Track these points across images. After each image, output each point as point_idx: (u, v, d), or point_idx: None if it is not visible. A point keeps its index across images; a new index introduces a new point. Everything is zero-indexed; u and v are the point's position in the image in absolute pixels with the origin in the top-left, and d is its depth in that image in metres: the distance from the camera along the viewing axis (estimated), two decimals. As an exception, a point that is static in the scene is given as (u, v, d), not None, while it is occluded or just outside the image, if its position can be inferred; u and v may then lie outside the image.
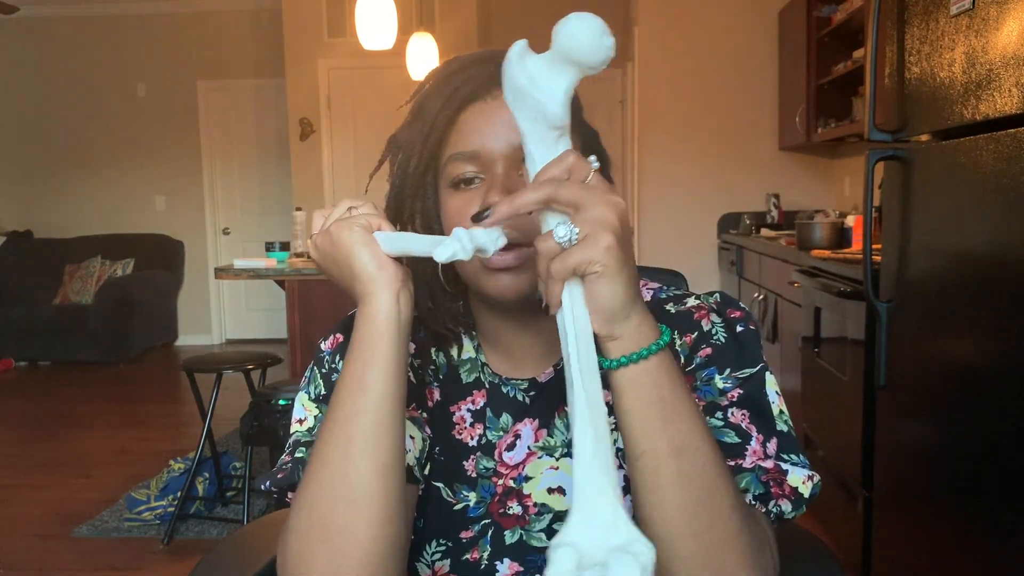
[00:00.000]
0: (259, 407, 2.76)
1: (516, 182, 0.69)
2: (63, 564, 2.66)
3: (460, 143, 0.71)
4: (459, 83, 0.71)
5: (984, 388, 1.51)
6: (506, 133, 0.69)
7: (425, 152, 0.72)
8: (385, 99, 5.42)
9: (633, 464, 0.61)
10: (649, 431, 0.59)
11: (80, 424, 4.38)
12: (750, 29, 4.42)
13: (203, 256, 6.63)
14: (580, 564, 0.50)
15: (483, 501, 0.74)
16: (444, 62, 0.76)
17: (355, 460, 0.63)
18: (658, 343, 0.59)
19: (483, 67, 0.71)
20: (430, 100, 0.73)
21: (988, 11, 1.47)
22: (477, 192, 0.71)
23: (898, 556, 1.94)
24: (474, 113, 0.71)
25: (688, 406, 0.60)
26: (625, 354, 0.59)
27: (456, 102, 0.71)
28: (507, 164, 0.70)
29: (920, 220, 1.79)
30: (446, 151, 0.72)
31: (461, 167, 0.71)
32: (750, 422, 0.69)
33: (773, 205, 4.29)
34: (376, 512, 0.63)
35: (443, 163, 0.72)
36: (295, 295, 3.17)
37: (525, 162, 0.60)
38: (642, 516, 0.61)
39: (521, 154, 0.67)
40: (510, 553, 0.72)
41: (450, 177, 0.72)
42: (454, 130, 0.71)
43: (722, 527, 0.59)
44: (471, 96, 0.71)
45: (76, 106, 6.50)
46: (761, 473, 0.66)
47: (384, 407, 0.64)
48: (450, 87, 0.71)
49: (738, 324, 0.75)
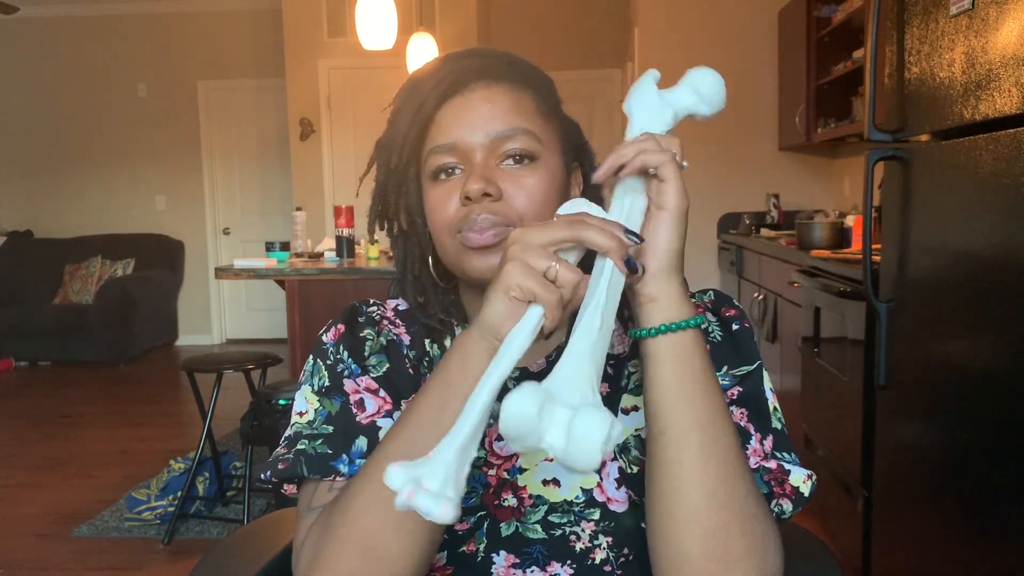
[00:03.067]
0: (259, 407, 2.76)
1: (494, 169, 0.71)
2: (63, 564, 2.66)
3: (439, 136, 0.72)
4: (438, 79, 0.72)
5: (984, 388, 1.51)
6: (484, 124, 0.71)
7: (406, 148, 0.73)
8: (385, 99, 5.32)
9: (656, 440, 0.61)
10: (679, 404, 0.60)
11: (80, 424, 4.38)
12: (750, 29, 4.42)
13: (203, 256, 6.63)
14: (543, 407, 0.51)
15: (475, 491, 0.74)
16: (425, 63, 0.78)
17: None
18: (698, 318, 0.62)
19: (463, 62, 0.73)
20: (410, 98, 0.74)
21: (988, 11, 1.47)
22: (457, 182, 0.72)
23: (898, 556, 1.94)
24: (453, 107, 0.72)
25: (715, 385, 0.62)
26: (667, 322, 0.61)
27: (435, 98, 0.72)
28: (485, 153, 0.71)
29: (920, 220, 1.79)
30: (427, 145, 0.73)
31: (441, 159, 0.72)
32: (748, 421, 0.70)
33: (773, 205, 4.29)
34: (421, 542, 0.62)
35: (424, 157, 0.73)
36: (295, 295, 3.17)
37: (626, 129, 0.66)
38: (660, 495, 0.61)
39: (498, 142, 0.71)
40: (506, 545, 0.72)
41: (430, 170, 0.73)
42: (434, 125, 0.72)
43: (738, 508, 0.60)
44: (449, 91, 0.72)
45: (76, 106, 6.50)
46: (764, 473, 0.66)
47: None
48: (430, 84, 0.72)
49: (733, 322, 0.76)
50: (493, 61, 0.74)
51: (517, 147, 0.71)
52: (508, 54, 0.77)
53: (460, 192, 0.70)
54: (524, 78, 0.74)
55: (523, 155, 0.71)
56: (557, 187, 0.73)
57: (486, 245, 0.70)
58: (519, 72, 0.75)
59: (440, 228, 0.73)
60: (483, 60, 0.74)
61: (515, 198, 0.70)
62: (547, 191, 0.72)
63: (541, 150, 0.72)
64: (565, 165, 0.76)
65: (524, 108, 0.73)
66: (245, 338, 6.62)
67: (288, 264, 3.25)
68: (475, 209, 0.70)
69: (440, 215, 0.72)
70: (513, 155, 0.71)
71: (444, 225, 0.72)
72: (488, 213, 0.69)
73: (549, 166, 0.73)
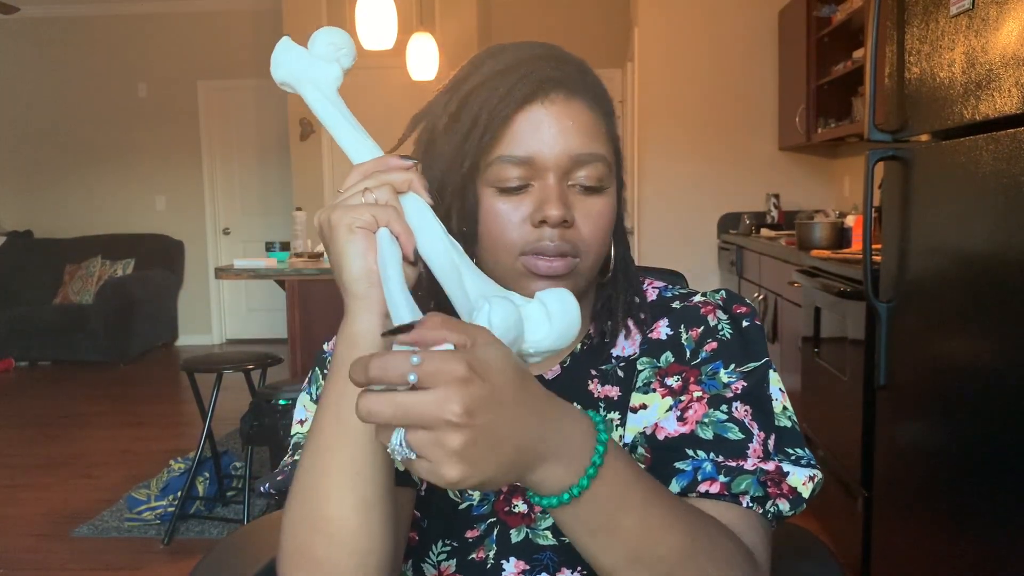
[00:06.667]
0: (259, 407, 2.76)
1: (568, 194, 0.68)
2: (63, 564, 2.66)
3: (512, 145, 0.67)
4: (515, 80, 0.67)
5: (984, 388, 1.51)
6: (563, 142, 0.67)
7: (471, 150, 0.68)
8: (385, 99, 5.42)
9: None
10: (588, 554, 0.56)
11: (80, 424, 4.38)
12: (750, 29, 4.42)
13: (203, 256, 6.63)
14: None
15: (487, 499, 0.74)
16: (491, 50, 0.72)
17: (332, 495, 0.60)
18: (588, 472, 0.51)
19: (540, 65, 0.68)
20: (479, 93, 0.68)
21: (988, 11, 1.47)
22: (526, 199, 0.68)
23: (898, 556, 1.94)
24: (530, 116, 0.67)
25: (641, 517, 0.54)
26: (546, 496, 0.52)
27: (513, 102, 0.67)
28: (558, 175, 0.68)
29: (920, 220, 1.79)
30: (495, 150, 0.68)
31: (509, 171, 0.68)
32: (752, 418, 0.69)
33: (773, 205, 4.29)
34: (358, 545, 0.60)
35: (488, 162, 0.68)
36: (295, 295, 3.17)
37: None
38: None
39: (575, 166, 0.68)
40: (516, 552, 0.72)
41: (495, 179, 0.68)
42: (507, 131, 0.68)
43: None
44: (528, 96, 0.67)
45: (76, 106, 6.51)
46: (761, 475, 0.66)
47: (362, 441, 0.59)
48: (505, 84, 0.67)
49: (744, 319, 0.76)
50: (570, 70, 0.70)
51: (593, 175, 0.69)
52: (580, 61, 0.72)
53: (531, 211, 0.67)
54: (596, 95, 0.71)
55: (595, 186, 0.69)
56: (614, 213, 0.73)
57: (556, 275, 0.68)
58: (591, 87, 0.71)
59: (500, 245, 0.69)
60: (560, 67, 0.69)
61: (583, 227, 0.69)
62: (610, 219, 0.71)
63: (610, 179, 0.71)
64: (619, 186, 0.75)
65: (599, 131, 0.70)
66: (245, 338, 6.62)
67: (288, 264, 3.25)
68: (547, 234, 0.67)
69: (503, 232, 0.69)
70: (584, 185, 0.69)
71: (507, 243, 0.69)
72: (561, 240, 0.67)
73: (612, 194, 0.71)
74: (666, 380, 0.73)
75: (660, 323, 0.77)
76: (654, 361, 0.75)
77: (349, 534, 0.60)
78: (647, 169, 4.56)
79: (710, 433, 0.68)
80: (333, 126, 0.64)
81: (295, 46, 0.65)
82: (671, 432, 0.69)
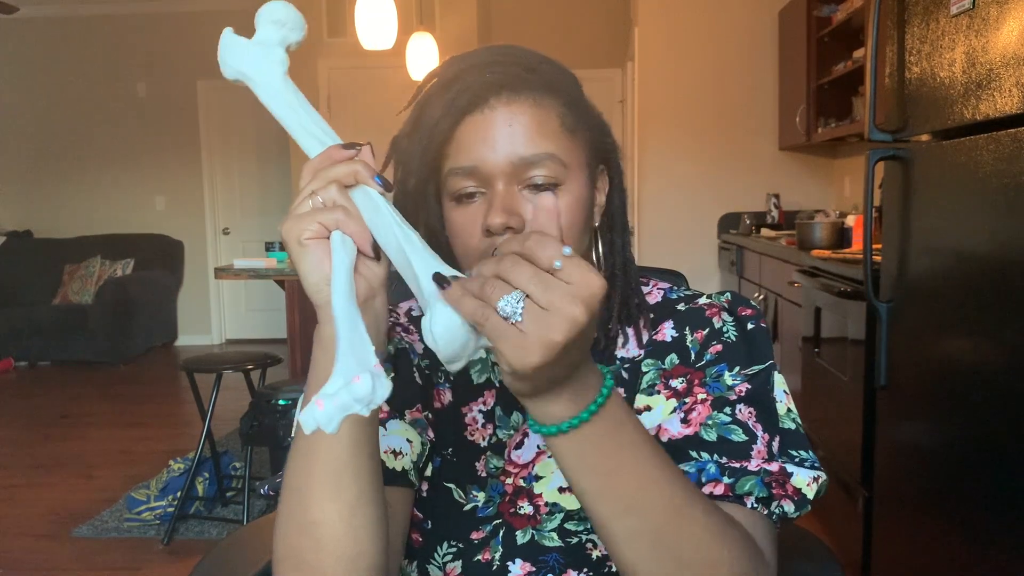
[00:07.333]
0: (259, 407, 2.76)
1: (516, 199, 0.67)
2: (63, 564, 2.66)
3: (459, 157, 0.68)
4: (456, 92, 0.68)
5: (984, 388, 1.50)
6: (505, 147, 0.67)
7: (424, 165, 0.70)
8: (385, 99, 5.41)
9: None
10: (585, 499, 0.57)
11: (80, 424, 4.38)
12: (750, 29, 4.42)
13: (203, 256, 6.62)
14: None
15: (492, 501, 0.74)
16: (442, 64, 0.73)
17: (316, 499, 0.60)
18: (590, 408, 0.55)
19: (478, 73, 0.68)
20: (428, 108, 0.70)
21: (988, 11, 1.47)
22: (479, 207, 0.68)
23: (898, 556, 1.94)
24: (471, 125, 0.68)
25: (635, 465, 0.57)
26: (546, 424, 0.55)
27: (453, 113, 0.68)
28: (506, 179, 0.67)
29: (920, 220, 1.79)
30: (446, 164, 0.69)
31: (460, 182, 0.68)
32: (756, 420, 0.69)
33: (773, 205, 4.29)
34: (344, 550, 0.60)
35: (444, 175, 0.70)
36: (295, 295, 3.17)
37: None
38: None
39: (521, 168, 0.67)
40: (522, 553, 0.72)
41: (451, 190, 0.69)
42: (452, 143, 0.68)
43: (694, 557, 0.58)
44: (468, 107, 0.67)
45: (76, 106, 6.50)
46: (765, 476, 0.66)
47: (342, 445, 0.59)
48: (448, 96, 0.68)
49: (749, 322, 0.76)
50: (513, 70, 0.69)
51: (541, 174, 0.67)
52: (528, 57, 0.71)
53: (482, 220, 0.67)
54: (546, 86, 0.69)
55: (547, 184, 0.68)
56: (582, 206, 0.70)
57: None
58: (541, 79, 0.69)
59: (463, 255, 0.70)
60: (502, 70, 0.69)
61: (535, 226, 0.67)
62: (571, 215, 0.69)
63: (565, 174, 0.68)
64: (590, 177, 0.73)
65: (547, 126, 0.68)
66: (245, 338, 6.62)
67: (288, 264, 3.25)
68: (497, 241, 0.67)
69: (463, 242, 0.69)
70: (537, 184, 0.68)
71: (468, 253, 0.69)
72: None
73: (573, 189, 0.69)
74: (671, 382, 0.73)
75: (665, 325, 0.77)
76: (659, 363, 0.75)
77: (334, 538, 0.60)
78: (647, 169, 4.56)
79: (714, 435, 0.68)
80: (283, 121, 0.63)
81: (237, 39, 0.64)
82: (675, 434, 0.69)
